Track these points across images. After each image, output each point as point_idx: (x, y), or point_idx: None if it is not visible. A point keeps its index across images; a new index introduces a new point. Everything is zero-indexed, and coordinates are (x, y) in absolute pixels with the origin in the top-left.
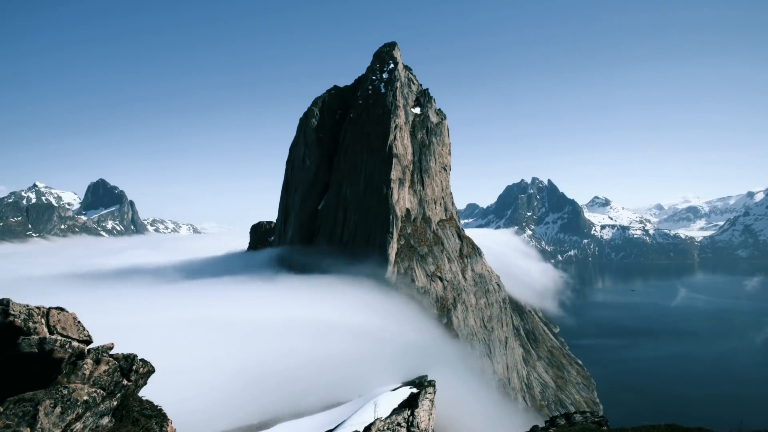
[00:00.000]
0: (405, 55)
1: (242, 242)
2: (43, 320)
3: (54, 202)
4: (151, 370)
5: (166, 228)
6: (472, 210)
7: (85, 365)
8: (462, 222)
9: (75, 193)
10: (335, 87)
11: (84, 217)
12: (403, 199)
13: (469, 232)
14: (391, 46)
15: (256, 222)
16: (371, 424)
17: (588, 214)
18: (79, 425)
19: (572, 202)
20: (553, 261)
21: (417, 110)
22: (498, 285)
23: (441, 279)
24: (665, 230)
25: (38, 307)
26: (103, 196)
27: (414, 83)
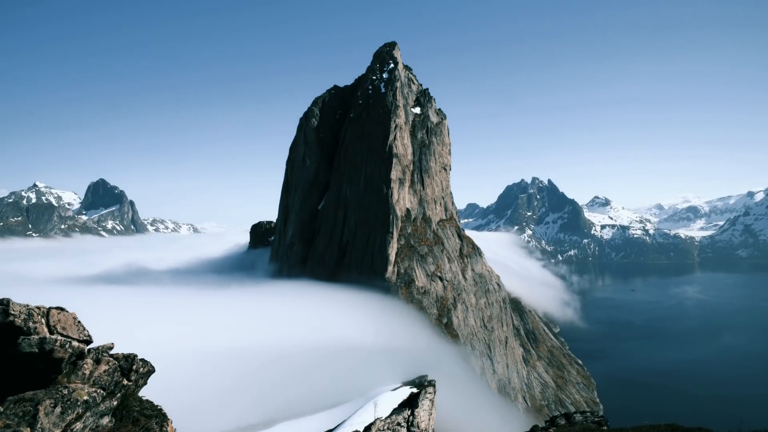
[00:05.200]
0: (404, 49)
1: (242, 242)
2: (43, 320)
3: (54, 202)
4: (151, 370)
5: (166, 228)
6: (472, 210)
7: (85, 365)
8: (462, 222)
9: (75, 193)
10: (335, 87)
11: (84, 217)
12: (403, 199)
13: (469, 233)
14: (391, 45)
15: (256, 222)
16: (371, 424)
17: (588, 214)
18: (79, 425)
19: (572, 202)
20: (553, 261)
21: (417, 110)
22: (498, 285)
23: (441, 279)
24: (665, 230)
25: (38, 307)
26: (103, 196)
27: (414, 83)
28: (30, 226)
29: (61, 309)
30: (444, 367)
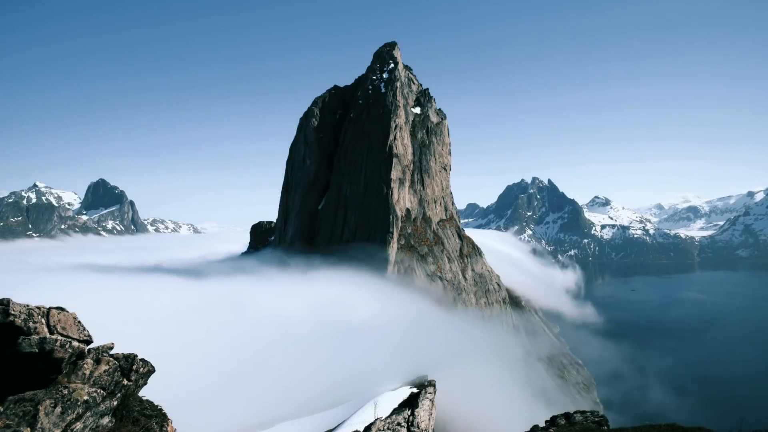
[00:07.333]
0: (404, 49)
1: (242, 242)
2: (43, 320)
3: (54, 202)
4: (151, 370)
5: (166, 228)
6: (472, 210)
7: (85, 365)
8: (462, 222)
9: (75, 193)
10: (335, 87)
11: (84, 217)
12: (403, 199)
13: (469, 232)
14: (392, 45)
15: (256, 222)
16: (371, 424)
17: (588, 214)
18: (79, 425)
19: (572, 202)
20: (553, 261)
21: (417, 110)
22: (498, 285)
23: (441, 279)
24: (665, 230)
25: (38, 307)
26: (103, 196)
27: (414, 83)
28: (30, 226)
29: (61, 309)
30: (453, 353)
